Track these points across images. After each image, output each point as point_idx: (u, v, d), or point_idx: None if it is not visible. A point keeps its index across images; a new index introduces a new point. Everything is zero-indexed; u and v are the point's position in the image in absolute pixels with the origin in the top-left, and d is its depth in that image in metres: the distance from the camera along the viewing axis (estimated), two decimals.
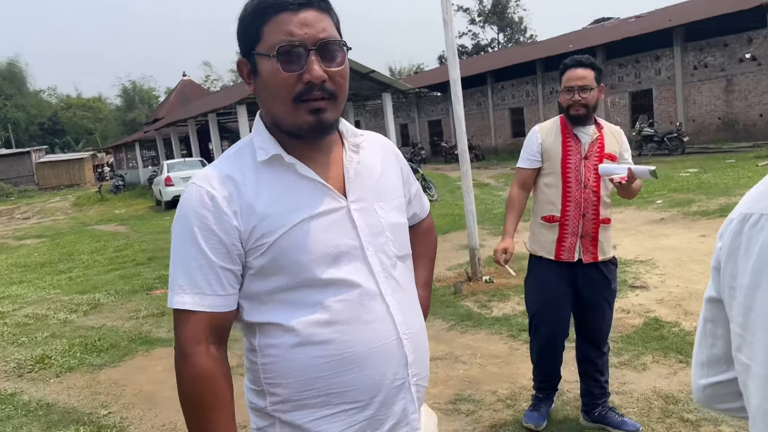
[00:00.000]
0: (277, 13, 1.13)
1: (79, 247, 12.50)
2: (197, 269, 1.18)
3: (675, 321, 4.43)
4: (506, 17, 49.92)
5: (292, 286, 1.20)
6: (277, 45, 1.12)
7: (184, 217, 1.19)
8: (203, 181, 1.20)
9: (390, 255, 1.28)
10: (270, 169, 1.22)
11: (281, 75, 1.14)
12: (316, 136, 1.21)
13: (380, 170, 1.34)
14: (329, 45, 1.15)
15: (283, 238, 1.18)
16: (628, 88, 22.85)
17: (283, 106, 1.17)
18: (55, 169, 44.67)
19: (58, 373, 4.83)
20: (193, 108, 29.69)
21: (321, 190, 1.23)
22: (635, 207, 9.60)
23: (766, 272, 0.71)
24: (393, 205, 1.33)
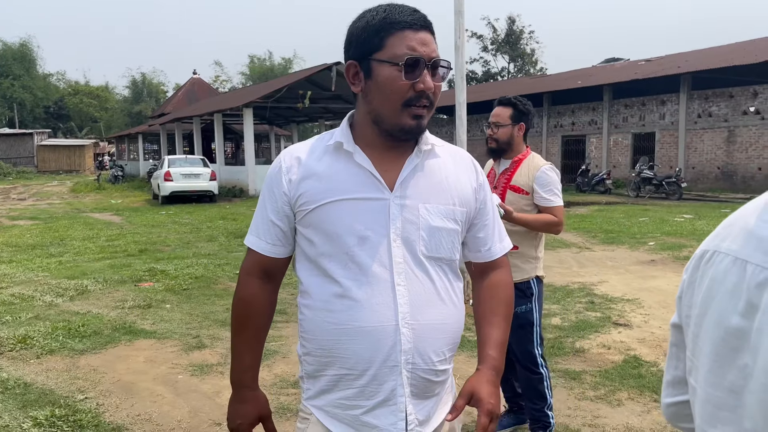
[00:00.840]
0: (402, 29, 1.34)
1: (71, 232, 12.50)
2: (260, 219, 1.49)
3: (654, 361, 4.47)
4: (519, 48, 50.43)
5: (322, 255, 1.40)
6: (403, 56, 1.32)
7: (265, 178, 1.50)
8: (284, 152, 1.49)
9: (417, 252, 1.40)
10: (334, 153, 1.44)
11: (400, 81, 1.33)
12: (410, 137, 1.41)
13: (442, 177, 1.45)
14: (439, 63, 1.37)
15: (321, 209, 1.39)
16: (631, 129, 23.07)
17: (392, 107, 1.36)
18: (55, 153, 44.69)
19: (39, 354, 4.83)
20: (200, 106, 29.83)
21: (370, 179, 1.40)
22: (627, 246, 9.68)
23: (712, 304, 0.78)
24: (441, 210, 1.43)
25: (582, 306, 6.05)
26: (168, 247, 10.45)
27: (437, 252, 1.43)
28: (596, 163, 24.02)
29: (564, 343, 4.89)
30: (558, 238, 10.66)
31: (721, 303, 0.76)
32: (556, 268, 8.06)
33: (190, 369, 4.48)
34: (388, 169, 1.42)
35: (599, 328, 5.28)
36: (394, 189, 1.40)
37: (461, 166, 1.52)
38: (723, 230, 0.82)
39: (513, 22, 49.85)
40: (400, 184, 1.40)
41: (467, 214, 1.49)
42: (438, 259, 1.43)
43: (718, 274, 0.78)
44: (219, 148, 25.41)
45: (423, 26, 1.36)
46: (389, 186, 1.40)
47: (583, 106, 25.05)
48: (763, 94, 18.93)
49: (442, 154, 1.49)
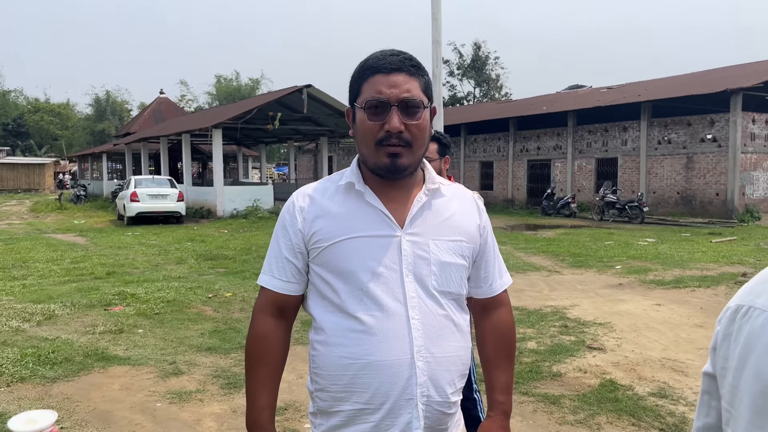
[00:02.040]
0: (373, 74, 1.42)
1: (34, 254, 12.16)
2: (273, 257, 1.54)
3: (629, 384, 4.58)
4: (484, 73, 51.42)
5: (337, 291, 1.44)
6: (366, 99, 1.41)
7: (279, 218, 1.56)
8: (297, 192, 1.56)
9: (429, 287, 1.45)
10: (346, 193, 1.50)
11: (367, 123, 1.42)
12: (391, 176, 1.45)
13: (449, 215, 1.51)
14: (409, 103, 1.40)
15: (334, 247, 1.44)
16: (595, 155, 23.67)
17: (368, 147, 1.44)
18: (14, 171, 43.52)
19: (9, 382, 4.69)
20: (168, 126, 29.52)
21: (381, 217, 1.46)
22: (595, 270, 9.90)
23: (751, 357, 0.84)
24: (450, 246, 1.49)
25: (556, 330, 6.16)
26: (136, 269, 10.26)
27: (447, 287, 1.48)
28: (561, 187, 24.54)
29: (541, 367, 4.97)
30: (528, 261, 10.84)
31: (759, 357, 0.82)
32: (527, 291, 8.19)
33: (168, 396, 4.40)
34: (397, 208, 1.48)
35: (574, 352, 5.38)
36: (405, 226, 1.45)
37: (465, 204, 1.59)
38: (757, 286, 0.89)
39: (479, 48, 50.89)
40: (410, 221, 1.46)
41: (473, 251, 1.55)
42: (448, 294, 1.49)
43: (755, 329, 0.84)
44: (186, 169, 25.13)
45: (396, 69, 1.41)
46: (399, 223, 1.45)
47: (548, 132, 25.63)
48: (719, 122, 19.69)
49: (447, 193, 1.56)
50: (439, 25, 6.05)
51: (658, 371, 4.89)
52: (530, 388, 4.52)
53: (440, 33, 6.10)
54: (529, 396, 4.36)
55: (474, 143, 29.64)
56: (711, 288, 8.16)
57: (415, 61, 1.45)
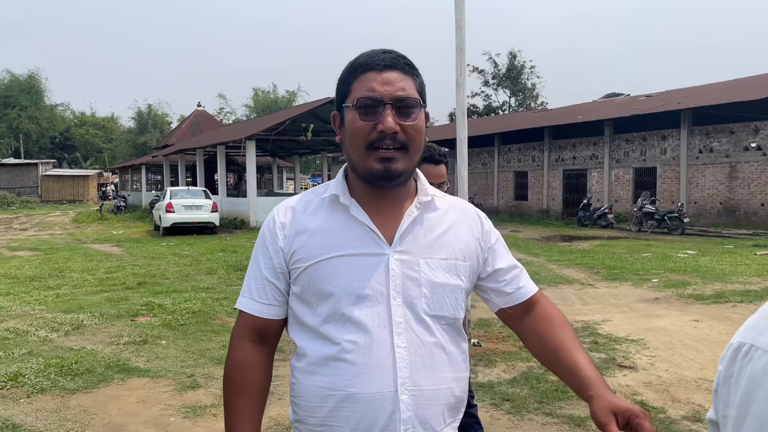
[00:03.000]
0: (365, 71, 1.30)
1: (71, 264, 12.42)
2: (252, 278, 1.41)
3: (662, 407, 4.34)
4: (520, 82, 50.97)
5: (318, 315, 1.32)
6: (358, 98, 1.28)
7: (259, 234, 1.43)
8: (278, 206, 1.43)
9: (419, 311, 1.31)
10: (329, 206, 1.37)
11: (358, 123, 1.29)
12: (383, 183, 1.32)
13: (443, 230, 1.38)
14: (404, 101, 1.28)
15: (316, 267, 1.32)
16: (633, 164, 23.10)
17: (358, 151, 1.31)
18: (59, 183, 44.88)
19: (30, 393, 4.72)
20: (203, 138, 30.03)
21: (367, 234, 1.33)
22: (630, 283, 9.57)
23: (751, 408, 0.71)
24: (443, 264, 1.35)
25: (586, 346, 5.90)
26: (167, 280, 10.36)
27: (440, 310, 1.34)
28: (598, 197, 24.01)
29: (567, 387, 4.75)
30: (560, 274, 10.56)
31: (760, 407, 0.69)
32: (558, 305, 7.89)
33: (182, 410, 4.36)
34: (386, 223, 1.35)
35: (603, 371, 5.15)
36: (393, 243, 1.33)
37: (462, 217, 1.44)
38: (761, 321, 0.75)
39: (514, 58, 50.49)
40: (399, 237, 1.33)
41: (471, 269, 1.40)
42: (441, 318, 1.34)
43: (757, 373, 0.71)
44: (221, 180, 25.48)
45: (389, 66, 1.30)
46: (387, 240, 1.33)
47: (585, 141, 25.15)
48: (764, 130, 18.98)
49: (442, 205, 1.43)
50: (463, 33, 5.92)
51: (693, 393, 4.63)
52: (555, 408, 4.32)
53: (464, 41, 5.97)
54: (554, 417, 4.17)
55: (508, 153, 29.28)
56: (754, 303, 7.77)
57: (408, 60, 1.34)
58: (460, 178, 6.14)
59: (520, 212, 27.99)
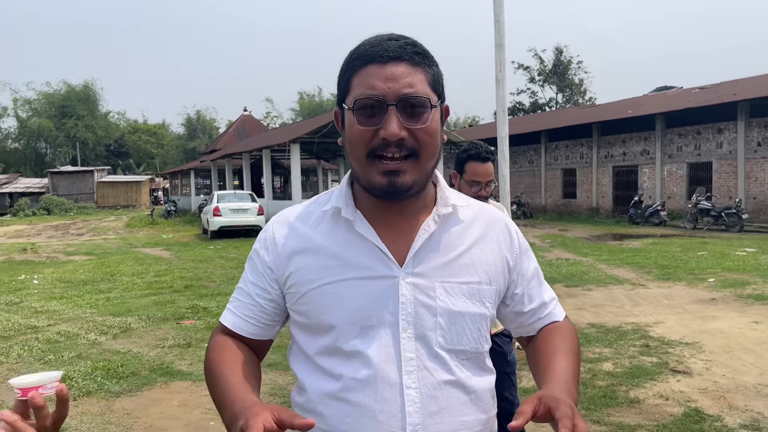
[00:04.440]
0: (365, 65, 1.10)
1: (122, 268, 12.77)
2: (238, 294, 1.26)
3: (718, 414, 4.10)
4: (566, 78, 49.92)
5: (318, 347, 1.16)
6: (356, 98, 1.09)
7: (253, 248, 1.27)
8: (276, 218, 1.27)
9: (433, 344, 1.13)
10: (332, 221, 1.19)
11: (357, 128, 1.10)
12: (387, 197, 1.13)
13: (465, 247, 1.19)
14: (412, 101, 1.08)
15: (314, 293, 1.15)
16: (686, 159, 22.28)
17: (358, 160, 1.13)
18: (114, 189, 46.43)
19: (76, 396, 4.82)
20: (249, 143, 30.54)
21: (374, 253, 1.14)
22: (685, 283, 9.17)
23: None
24: (464, 290, 1.16)
25: (636, 350, 5.68)
26: (213, 283, 10.52)
27: (459, 344, 1.15)
28: (649, 194, 23.25)
29: (617, 392, 4.56)
30: (610, 274, 10.23)
31: None
32: (607, 306, 7.68)
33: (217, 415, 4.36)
34: (398, 240, 1.16)
35: (656, 376, 4.92)
36: (405, 264, 1.14)
37: (490, 231, 1.24)
38: None
39: (560, 53, 49.48)
40: (413, 257, 1.14)
41: (497, 293, 1.22)
42: (460, 353, 1.15)
43: None
44: (267, 183, 25.84)
45: (394, 57, 1.08)
46: (398, 260, 1.14)
47: (635, 136, 24.40)
48: None
49: (466, 217, 1.23)
50: (502, 28, 5.78)
51: (752, 399, 4.36)
52: (603, 415, 4.13)
53: (503, 36, 5.83)
54: (602, 425, 3.99)
55: (555, 150, 28.70)
56: None
57: (420, 48, 1.12)
58: (502, 177, 5.99)
59: (568, 211, 27.38)
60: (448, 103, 1.19)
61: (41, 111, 60.60)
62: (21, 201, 38.94)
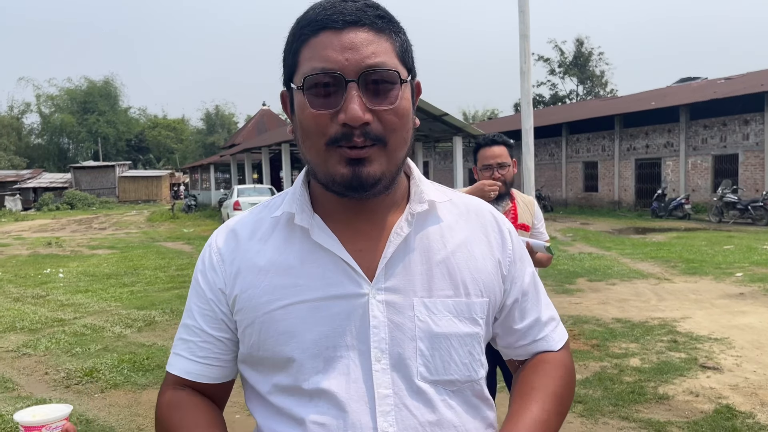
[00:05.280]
0: (316, 32, 0.88)
1: (144, 261, 12.90)
2: (185, 329, 1.03)
3: (750, 411, 4.02)
4: (587, 70, 49.38)
5: (276, 385, 0.95)
6: (306, 74, 0.88)
7: (195, 269, 1.04)
8: (219, 230, 1.04)
9: (414, 376, 0.92)
10: (285, 229, 0.98)
11: (309, 112, 0.88)
12: (354, 194, 0.91)
13: (449, 251, 0.97)
14: (376, 75, 0.87)
15: (266, 320, 0.93)
16: (711, 151, 21.90)
17: (314, 151, 0.91)
18: (135, 183, 46.91)
19: (104, 388, 4.87)
20: (268, 137, 30.65)
21: (338, 267, 0.93)
22: (712, 277, 9.02)
23: None
24: (448, 305, 0.95)
25: (664, 345, 5.59)
26: None
27: (446, 373, 0.94)
28: (673, 187, 22.91)
29: (645, 389, 4.48)
30: (634, 268, 10.09)
31: None
32: (632, 301, 7.57)
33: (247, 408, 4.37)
34: (365, 248, 0.95)
35: (685, 372, 4.83)
36: (375, 278, 0.93)
37: (477, 229, 1.02)
38: None
39: (581, 44, 48.94)
40: (384, 268, 0.93)
41: (490, 306, 0.99)
42: (449, 384, 0.95)
43: None
44: (286, 178, 25.90)
45: (352, 22, 0.87)
46: (368, 274, 0.93)
47: (658, 128, 24.04)
48: None
49: (446, 214, 1.01)
50: (527, 18, 5.69)
51: None
52: (631, 412, 4.07)
53: (528, 27, 5.74)
54: (630, 421, 3.93)
55: (576, 143, 28.39)
56: None
57: (383, 11, 0.91)
58: (526, 170, 5.92)
59: (589, 204, 27.09)
60: (469, 97, 0.99)
61: (63, 107, 61.52)
62: (45, 196, 39.53)
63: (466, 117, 61.53)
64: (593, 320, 6.54)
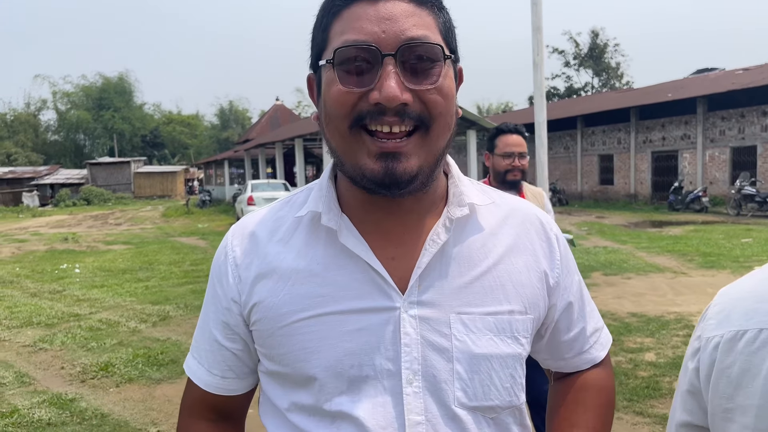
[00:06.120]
0: (349, 3, 0.79)
1: (159, 257, 12.99)
2: (201, 336, 0.97)
3: None
4: (603, 62, 48.88)
5: (295, 403, 0.87)
6: (336, 47, 0.78)
7: (210, 271, 0.97)
8: (234, 228, 0.95)
9: (449, 401, 0.83)
10: (309, 230, 0.88)
11: (337, 89, 0.78)
12: (386, 192, 0.81)
13: (491, 262, 0.88)
14: (417, 49, 0.77)
15: (285, 333, 0.85)
16: (729, 143, 21.61)
17: (339, 136, 0.81)
18: (150, 179, 47.27)
19: (119, 383, 4.91)
20: (281, 132, 30.72)
21: (366, 276, 0.84)
22: (729, 271, 8.90)
23: None
24: (490, 323, 0.86)
25: (680, 340, 5.53)
26: None
27: (486, 398, 0.85)
28: (690, 180, 22.65)
29: (660, 383, 4.43)
30: (650, 262, 9.99)
31: None
32: (648, 295, 7.49)
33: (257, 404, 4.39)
34: (398, 255, 0.86)
35: None
36: (408, 290, 0.84)
37: (524, 237, 0.92)
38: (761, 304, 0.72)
39: (596, 36, 48.45)
40: (418, 280, 0.84)
41: (534, 323, 0.91)
42: (489, 410, 0.86)
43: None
44: (300, 172, 25.97)
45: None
46: (400, 285, 0.84)
47: (675, 120, 23.76)
48: None
49: (489, 219, 0.91)
50: (539, 10, 5.63)
51: None
52: (646, 407, 4.03)
53: (541, 18, 5.68)
54: (645, 416, 3.89)
55: (592, 136, 28.15)
56: None
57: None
58: (540, 163, 5.87)
59: (605, 197, 26.88)
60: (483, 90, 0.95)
61: (79, 104, 62.11)
62: (62, 192, 39.96)
63: (480, 110, 61.26)
64: (608, 315, 6.48)
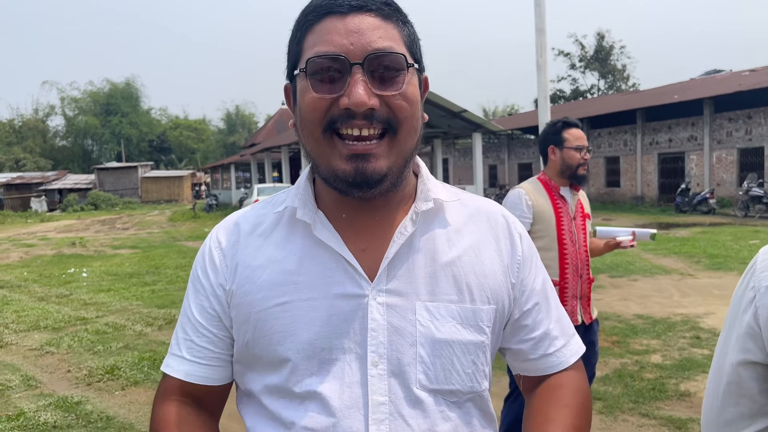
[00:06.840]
0: (320, 18, 0.86)
1: (166, 261, 13.04)
2: (182, 328, 0.99)
3: None
4: (609, 64, 48.76)
5: (267, 385, 0.91)
6: (309, 58, 0.85)
7: (193, 266, 1.02)
8: (220, 224, 1.02)
9: (412, 384, 0.88)
10: (288, 225, 0.96)
11: (310, 96, 0.85)
12: (357, 190, 0.87)
13: (456, 254, 0.94)
14: (383, 59, 0.84)
15: (261, 317, 0.90)
16: (736, 144, 21.51)
17: (313, 140, 0.88)
18: (157, 184, 47.50)
19: (124, 386, 4.92)
20: (287, 136, 30.78)
21: (339, 266, 0.90)
22: (737, 273, 8.85)
23: None
24: (453, 311, 0.91)
25: (686, 341, 5.50)
26: None
27: (448, 382, 0.90)
28: (697, 182, 22.55)
29: (666, 385, 4.41)
30: (657, 264, 9.95)
31: None
32: (654, 296, 7.46)
33: None
34: (368, 247, 0.92)
35: (707, 368, 4.74)
36: (376, 278, 0.89)
37: (488, 232, 0.98)
38: None
39: (602, 38, 48.34)
40: (387, 269, 0.90)
41: (497, 314, 0.95)
42: (450, 394, 0.90)
43: None
44: None
45: (357, 7, 0.85)
46: (368, 274, 0.90)
47: (681, 122, 23.67)
48: None
49: (455, 215, 0.98)
50: (543, 12, 5.63)
51: None
52: (652, 409, 4.01)
53: (544, 20, 5.68)
54: (651, 418, 3.87)
55: (598, 138, 28.08)
56: None
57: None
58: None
59: (612, 200, 26.79)
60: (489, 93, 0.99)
61: (87, 109, 62.52)
62: (70, 197, 40.20)
63: (485, 113, 61.24)
64: (614, 317, 6.46)
